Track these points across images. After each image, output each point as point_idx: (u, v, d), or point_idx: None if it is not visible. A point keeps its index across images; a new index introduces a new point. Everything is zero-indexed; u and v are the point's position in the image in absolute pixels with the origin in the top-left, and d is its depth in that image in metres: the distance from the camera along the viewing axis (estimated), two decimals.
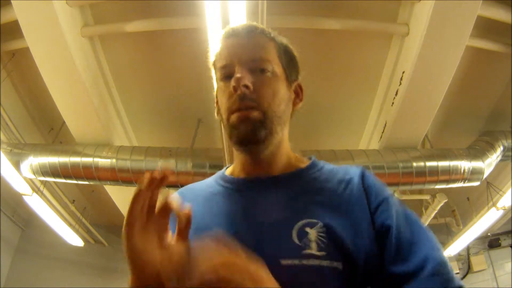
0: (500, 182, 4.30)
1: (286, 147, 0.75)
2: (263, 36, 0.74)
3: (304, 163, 0.76)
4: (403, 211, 0.66)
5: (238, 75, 0.67)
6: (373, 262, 0.60)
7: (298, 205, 0.66)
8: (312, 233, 0.61)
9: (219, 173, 0.81)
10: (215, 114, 0.79)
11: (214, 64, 0.77)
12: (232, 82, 0.67)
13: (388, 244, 0.61)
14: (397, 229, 0.62)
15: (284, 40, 0.77)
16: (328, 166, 0.75)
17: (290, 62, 0.76)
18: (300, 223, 0.62)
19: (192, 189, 0.79)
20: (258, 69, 0.70)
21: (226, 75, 0.71)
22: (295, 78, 0.77)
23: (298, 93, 0.78)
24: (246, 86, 0.66)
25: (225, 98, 0.70)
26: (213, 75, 0.79)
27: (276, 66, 0.72)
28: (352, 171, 0.72)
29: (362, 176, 0.70)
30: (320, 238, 0.60)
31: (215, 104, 0.79)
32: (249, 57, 0.70)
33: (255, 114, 0.66)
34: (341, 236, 0.60)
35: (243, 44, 0.72)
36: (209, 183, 0.79)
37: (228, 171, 0.79)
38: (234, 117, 0.67)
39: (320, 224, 0.61)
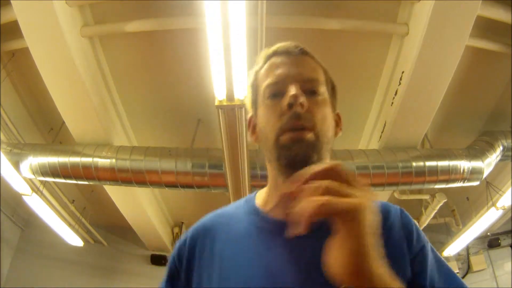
0: (500, 182, 4.31)
1: None
2: (313, 59, 0.72)
3: None
4: (437, 258, 0.67)
5: (294, 92, 0.63)
6: None
7: None
8: None
9: (249, 203, 0.74)
10: (249, 135, 0.76)
11: (254, 83, 0.74)
12: (288, 99, 0.63)
13: None
14: (431, 279, 0.63)
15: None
16: None
17: (333, 90, 0.74)
18: None
19: (219, 223, 0.72)
20: (310, 90, 0.67)
21: (275, 92, 0.67)
22: (335, 107, 0.75)
23: (337, 122, 0.74)
24: (302, 105, 0.63)
25: (274, 117, 0.65)
26: (251, 94, 0.75)
27: (325, 91, 0.70)
28: (392, 212, 0.68)
29: (402, 219, 0.68)
30: None
31: (249, 125, 0.76)
32: (303, 77, 0.68)
33: (310, 135, 0.63)
34: None
35: (296, 63, 0.69)
36: (240, 218, 0.71)
37: (259, 200, 0.73)
38: (286, 137, 0.63)
39: None
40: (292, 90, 0.64)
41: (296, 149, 0.62)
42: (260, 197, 0.74)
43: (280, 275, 0.60)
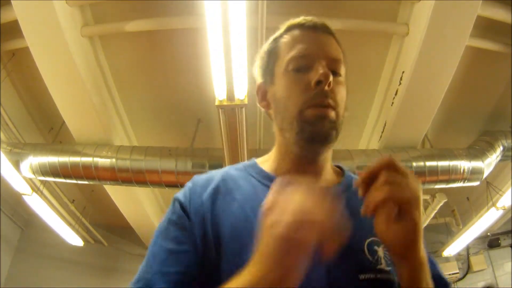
0: (500, 182, 4.30)
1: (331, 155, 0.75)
2: (336, 39, 0.74)
3: (339, 172, 0.78)
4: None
5: (324, 70, 0.65)
6: None
7: (360, 221, 0.62)
8: (380, 250, 0.64)
9: (254, 167, 0.74)
10: (258, 101, 0.76)
11: (273, 50, 0.73)
12: (318, 76, 0.64)
13: None
14: None
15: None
16: (354, 176, 0.77)
17: (347, 71, 0.76)
18: (369, 240, 0.64)
19: (233, 181, 0.71)
20: (334, 70, 0.68)
21: (301, 66, 0.68)
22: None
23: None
24: (329, 84, 0.65)
25: (299, 90, 0.66)
26: (267, 62, 0.75)
27: (344, 72, 0.72)
28: None
29: None
30: (386, 254, 0.64)
31: (258, 91, 0.76)
32: (331, 56, 0.69)
33: (332, 114, 0.65)
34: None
35: (324, 41, 0.71)
36: (249, 180, 0.71)
37: (266, 167, 0.74)
38: (310, 112, 0.64)
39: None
40: (322, 67, 0.65)
41: (320, 125, 0.64)
42: (266, 163, 0.75)
43: None
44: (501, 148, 3.49)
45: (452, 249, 5.22)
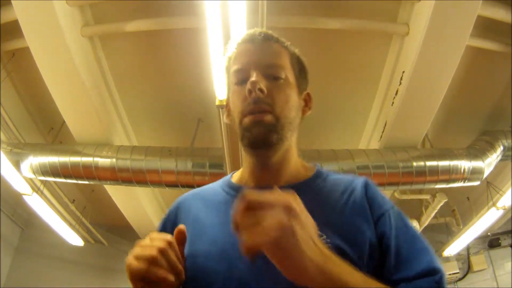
0: (500, 181, 4.30)
1: (294, 154, 0.77)
2: (278, 44, 0.77)
3: (310, 171, 0.78)
4: (402, 222, 0.68)
5: (253, 78, 0.69)
6: (375, 271, 0.61)
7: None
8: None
9: (225, 179, 0.82)
10: (225, 117, 0.82)
11: (227, 68, 0.80)
12: (248, 86, 0.69)
13: (388, 255, 0.63)
14: (397, 241, 0.64)
15: (296, 50, 0.80)
16: (331, 176, 0.77)
17: (301, 71, 0.79)
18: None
19: (197, 195, 0.81)
20: (272, 75, 0.72)
21: (241, 79, 0.73)
22: (305, 87, 0.80)
23: (307, 102, 0.80)
24: (261, 90, 0.68)
25: (239, 101, 0.71)
26: (226, 78, 0.81)
27: (289, 74, 0.74)
28: (356, 181, 0.73)
29: (366, 186, 0.72)
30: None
31: (225, 108, 0.82)
32: (264, 63, 0.73)
33: (268, 117, 0.68)
34: (349, 254, 0.60)
35: (259, 50, 0.74)
36: (215, 190, 0.80)
37: (235, 178, 0.80)
38: (247, 120, 0.69)
39: (328, 242, 0.60)
40: (252, 76, 0.69)
41: (255, 130, 0.68)
42: (236, 175, 0.81)
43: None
44: (502, 147, 3.48)
45: (452, 249, 5.22)
